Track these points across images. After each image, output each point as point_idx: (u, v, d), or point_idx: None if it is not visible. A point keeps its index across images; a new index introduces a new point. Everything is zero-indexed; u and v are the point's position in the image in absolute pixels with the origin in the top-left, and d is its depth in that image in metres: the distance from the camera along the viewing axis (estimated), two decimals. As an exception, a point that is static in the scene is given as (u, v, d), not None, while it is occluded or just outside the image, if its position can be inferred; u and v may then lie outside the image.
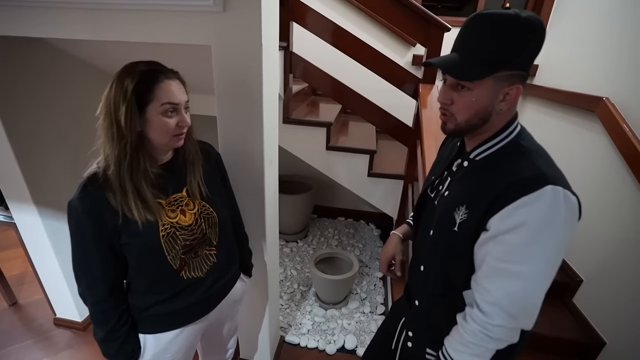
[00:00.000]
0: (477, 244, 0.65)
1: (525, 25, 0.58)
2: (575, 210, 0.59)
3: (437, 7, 4.01)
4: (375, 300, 2.16)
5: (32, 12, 1.04)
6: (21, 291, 2.10)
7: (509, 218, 0.59)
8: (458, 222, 0.68)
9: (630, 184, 1.42)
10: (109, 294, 0.83)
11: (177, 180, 0.89)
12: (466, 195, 0.68)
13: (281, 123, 1.96)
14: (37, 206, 1.49)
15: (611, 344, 1.47)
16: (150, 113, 0.77)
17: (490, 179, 0.65)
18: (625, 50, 1.57)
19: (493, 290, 0.62)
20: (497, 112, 0.64)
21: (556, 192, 0.57)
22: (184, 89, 0.82)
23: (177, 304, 0.91)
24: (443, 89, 0.68)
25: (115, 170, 0.76)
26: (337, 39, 1.84)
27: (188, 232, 0.88)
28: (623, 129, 1.46)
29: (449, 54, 0.65)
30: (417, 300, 0.84)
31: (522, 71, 0.62)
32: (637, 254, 1.37)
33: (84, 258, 0.81)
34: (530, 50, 0.61)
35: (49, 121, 1.51)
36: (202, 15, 0.96)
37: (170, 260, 0.85)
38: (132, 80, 0.74)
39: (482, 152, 0.69)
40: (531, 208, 0.58)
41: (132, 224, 0.79)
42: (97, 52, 1.50)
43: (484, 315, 0.63)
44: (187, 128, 0.85)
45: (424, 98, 1.70)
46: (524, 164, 0.62)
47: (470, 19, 0.62)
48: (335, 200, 3.16)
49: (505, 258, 0.60)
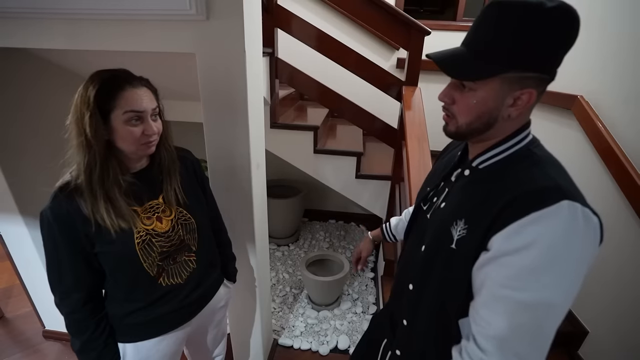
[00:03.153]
0: (476, 266, 0.55)
1: (550, 16, 0.47)
2: (597, 233, 0.50)
3: (419, 11, 4.12)
4: (367, 301, 2.18)
5: (14, 22, 1.04)
6: (8, 305, 2.06)
7: (516, 236, 0.49)
8: (456, 239, 0.58)
9: (606, 179, 1.48)
10: (83, 303, 0.82)
11: (152, 187, 0.88)
12: (466, 208, 0.59)
13: (269, 128, 1.98)
14: (23, 217, 1.48)
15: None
16: (115, 121, 0.75)
17: (494, 189, 0.55)
18: (595, 51, 1.65)
19: (493, 321, 0.51)
20: (504, 118, 0.56)
21: (574, 208, 0.48)
22: (152, 97, 0.80)
23: (156, 312, 0.89)
24: (446, 87, 0.60)
25: (85, 179, 0.75)
26: (322, 44, 1.88)
27: (165, 238, 0.87)
28: (597, 125, 1.53)
29: (456, 47, 0.56)
30: (405, 320, 0.75)
31: (538, 73, 0.51)
32: (619, 251, 1.42)
33: (57, 268, 0.80)
34: (552, 48, 0.50)
35: (35, 131, 1.50)
36: (186, 24, 0.98)
37: (147, 268, 0.84)
38: (94, 87, 0.73)
39: (486, 159, 0.60)
40: (544, 226, 0.48)
41: (105, 233, 0.78)
42: (82, 61, 1.51)
43: (481, 352, 0.53)
44: (158, 135, 0.83)
45: (408, 100, 1.75)
46: (535, 174, 0.53)
47: (484, 7, 0.52)
48: (326, 204, 3.18)
49: (509, 284, 0.50)
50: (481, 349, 0.53)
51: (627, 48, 1.46)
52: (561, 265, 0.48)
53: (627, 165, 1.36)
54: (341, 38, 2.05)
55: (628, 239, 1.37)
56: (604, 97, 1.57)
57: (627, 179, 1.35)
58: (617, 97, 1.51)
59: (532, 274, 0.49)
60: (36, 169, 1.51)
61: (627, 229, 1.37)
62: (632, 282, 1.36)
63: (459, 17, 2.70)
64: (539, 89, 0.53)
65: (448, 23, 2.63)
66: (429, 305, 0.66)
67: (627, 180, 1.35)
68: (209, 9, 0.95)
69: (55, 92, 1.56)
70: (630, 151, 1.39)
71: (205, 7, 0.93)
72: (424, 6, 4.17)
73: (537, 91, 0.53)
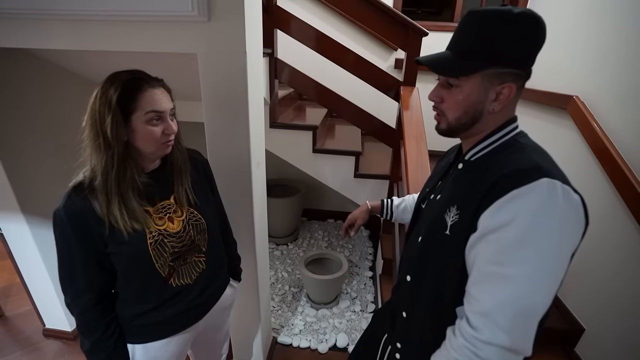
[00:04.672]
0: (467, 247, 0.58)
1: (517, 20, 0.55)
2: (579, 209, 0.52)
3: (417, 12, 4.14)
4: (366, 299, 2.20)
5: (16, 23, 1.05)
6: (8, 303, 2.07)
7: (498, 213, 0.53)
8: (449, 225, 0.61)
9: (602, 179, 1.50)
10: (95, 304, 0.82)
11: (164, 187, 0.89)
12: (458, 196, 0.63)
13: (268, 127, 1.99)
14: (25, 215, 1.49)
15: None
16: (136, 122, 0.77)
17: (481, 175, 0.60)
18: (591, 52, 1.67)
19: (482, 298, 0.54)
20: (490, 112, 0.61)
21: (553, 185, 0.51)
22: (169, 97, 0.82)
23: (165, 313, 0.90)
24: (434, 87, 0.66)
25: (102, 180, 0.76)
26: (321, 45, 1.90)
27: (176, 239, 0.88)
28: (592, 125, 1.55)
29: (442, 52, 0.64)
30: (405, 312, 0.78)
31: (514, 69, 0.58)
32: (615, 249, 1.45)
33: (70, 268, 0.80)
34: (523, 46, 0.57)
35: (34, 129, 1.51)
36: (188, 25, 0.99)
37: (158, 268, 0.85)
38: (116, 90, 0.73)
39: (477, 152, 0.65)
40: (523, 201, 0.51)
41: (118, 234, 0.78)
42: (82, 61, 1.52)
43: (472, 329, 0.54)
44: (175, 135, 0.84)
45: (405, 100, 1.77)
46: (518, 158, 0.57)
47: (464, 15, 0.60)
48: (324, 203, 3.20)
49: (495, 260, 0.52)
50: (472, 326, 0.54)
51: (623, 49, 1.49)
52: (542, 239, 0.50)
53: (622, 165, 1.38)
54: (340, 39, 2.07)
55: (623, 237, 1.39)
56: (600, 98, 1.59)
57: (622, 178, 1.37)
58: (612, 97, 1.53)
59: (514, 248, 0.51)
60: (36, 166, 1.52)
61: (622, 227, 1.39)
62: (628, 280, 1.38)
63: (456, 18, 2.72)
64: (517, 84, 0.59)
65: (445, 24, 2.65)
66: (427, 295, 0.68)
67: (622, 180, 1.37)
68: (210, 10, 0.96)
69: (54, 90, 1.57)
70: (625, 151, 1.41)
71: (207, 8, 0.95)
72: (421, 7, 4.19)
73: (516, 85, 0.59)
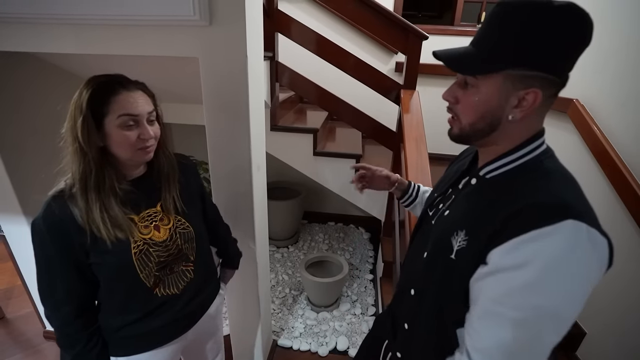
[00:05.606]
0: (473, 279, 0.55)
1: (557, 15, 0.47)
2: (604, 253, 0.47)
3: (417, 16, 4.16)
4: (366, 302, 2.20)
5: (21, 27, 1.06)
6: (8, 306, 2.07)
7: (513, 253, 0.48)
8: (455, 250, 0.57)
9: (602, 182, 1.51)
10: (75, 316, 0.79)
11: (150, 195, 0.85)
12: (467, 219, 0.57)
13: (269, 130, 2.00)
14: (26, 217, 1.50)
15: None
16: (109, 126, 0.73)
17: (497, 203, 0.53)
18: (593, 54, 1.68)
19: (485, 336, 0.51)
20: (509, 120, 0.54)
21: (578, 228, 0.45)
22: (148, 100, 0.78)
23: (151, 324, 0.86)
24: (451, 85, 0.59)
25: (80, 187, 0.73)
26: (321, 48, 1.91)
27: (162, 248, 0.84)
28: (592, 128, 1.56)
29: (465, 46, 0.56)
30: (407, 324, 0.75)
31: (544, 73, 0.50)
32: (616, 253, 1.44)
33: (48, 279, 0.77)
34: (559, 48, 0.48)
35: (35, 131, 1.51)
36: (189, 29, 1.00)
37: (143, 279, 0.82)
38: (87, 92, 0.71)
39: (494, 169, 0.58)
40: (543, 244, 0.46)
41: (100, 243, 0.75)
42: (83, 64, 1.53)
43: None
44: (156, 140, 0.80)
45: (406, 103, 1.78)
46: (542, 188, 0.51)
47: (493, 7, 0.52)
48: (325, 206, 3.20)
49: (503, 300, 0.49)
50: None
51: (623, 52, 1.49)
52: (558, 287, 0.46)
53: (622, 167, 1.38)
54: (340, 42, 2.08)
55: (623, 239, 1.39)
56: (600, 101, 1.60)
57: (622, 181, 1.37)
58: (613, 100, 1.53)
59: (526, 293, 0.47)
60: (38, 167, 1.52)
61: (622, 230, 1.39)
62: (629, 283, 1.38)
63: (457, 22, 2.74)
64: (545, 91, 0.51)
65: (446, 27, 2.67)
66: (429, 311, 0.66)
67: (622, 183, 1.37)
68: (212, 14, 0.97)
69: (53, 90, 1.56)
70: (625, 154, 1.41)
71: (208, 12, 0.96)
72: (422, 11, 4.22)
73: (543, 93, 0.51)
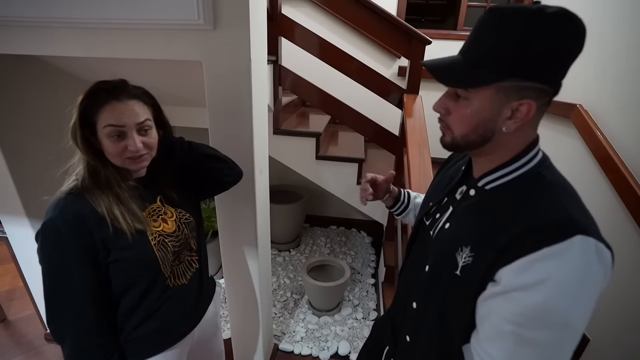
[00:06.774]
0: (482, 297, 0.53)
1: (549, 23, 0.45)
2: (609, 266, 0.48)
3: (420, 20, 4.18)
4: (368, 307, 2.19)
5: (21, 30, 1.06)
6: (10, 307, 2.07)
7: (526, 272, 0.47)
8: (460, 266, 0.56)
9: (605, 186, 1.50)
10: (94, 330, 0.75)
11: (150, 190, 0.88)
12: (472, 234, 0.56)
13: (271, 134, 2.01)
14: (29, 219, 1.50)
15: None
16: (100, 134, 0.75)
17: (502, 217, 0.53)
18: (594, 59, 1.68)
19: (496, 355, 0.50)
20: (502, 132, 0.53)
21: (587, 244, 0.46)
22: (144, 109, 0.78)
23: (164, 317, 0.87)
24: (441, 96, 0.58)
25: (92, 181, 0.75)
26: (324, 52, 1.92)
27: (174, 238, 0.87)
28: (595, 133, 1.55)
29: (453, 55, 0.54)
30: (409, 336, 0.73)
31: (537, 83, 0.49)
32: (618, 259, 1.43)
33: (64, 288, 0.73)
34: (553, 56, 0.47)
35: (38, 132, 1.52)
36: (193, 33, 1.01)
37: (163, 270, 0.84)
38: (82, 100, 0.74)
39: (493, 180, 0.57)
40: (557, 263, 0.46)
41: (121, 238, 0.76)
42: (86, 67, 1.53)
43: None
44: (150, 149, 0.80)
45: (409, 108, 1.78)
46: (547, 203, 0.50)
47: (482, 15, 0.50)
48: (327, 209, 3.20)
49: (518, 321, 0.48)
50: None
51: (626, 57, 1.49)
52: (570, 304, 0.47)
53: (625, 172, 1.37)
54: (343, 46, 2.09)
55: (625, 243, 1.38)
56: (601, 105, 1.59)
57: (625, 186, 1.36)
58: (613, 104, 1.53)
59: (541, 312, 0.47)
60: (41, 169, 1.53)
61: (624, 235, 1.38)
62: (631, 289, 1.37)
63: (460, 27, 2.74)
64: (539, 101, 0.50)
65: (449, 32, 2.68)
66: (432, 326, 0.64)
67: (625, 188, 1.36)
68: (216, 19, 0.98)
69: (56, 92, 1.57)
70: (628, 159, 1.41)
71: (212, 17, 0.97)
72: (425, 15, 4.24)
73: (537, 103, 0.50)
